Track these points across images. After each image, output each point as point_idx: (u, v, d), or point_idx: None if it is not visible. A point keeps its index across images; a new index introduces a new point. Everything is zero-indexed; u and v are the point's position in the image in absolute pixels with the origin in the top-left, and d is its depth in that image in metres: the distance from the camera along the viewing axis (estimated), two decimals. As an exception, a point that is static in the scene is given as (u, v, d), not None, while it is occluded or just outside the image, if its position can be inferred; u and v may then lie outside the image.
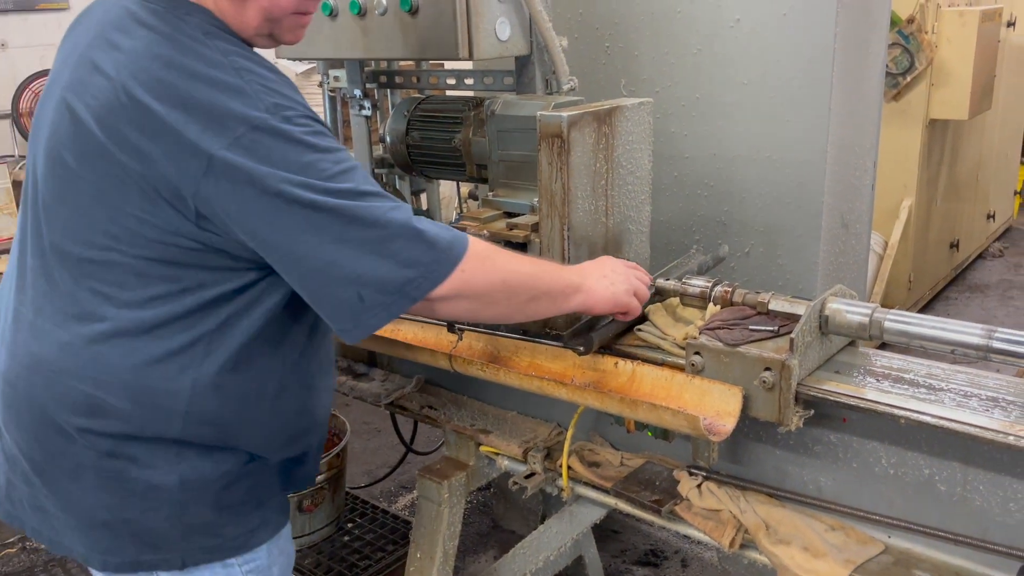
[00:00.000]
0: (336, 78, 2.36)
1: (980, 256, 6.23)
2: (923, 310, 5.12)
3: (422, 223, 1.31)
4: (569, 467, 1.92)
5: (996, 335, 1.42)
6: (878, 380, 1.55)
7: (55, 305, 1.35)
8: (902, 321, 1.50)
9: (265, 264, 1.32)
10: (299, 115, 1.28)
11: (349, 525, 2.85)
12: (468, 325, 1.82)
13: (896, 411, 1.45)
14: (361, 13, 1.95)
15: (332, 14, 2.00)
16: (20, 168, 4.28)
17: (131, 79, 1.25)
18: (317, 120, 1.32)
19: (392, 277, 1.27)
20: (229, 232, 1.27)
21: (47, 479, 1.39)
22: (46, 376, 1.34)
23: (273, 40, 1.44)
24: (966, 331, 1.45)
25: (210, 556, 1.42)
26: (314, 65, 4.33)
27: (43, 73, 4.49)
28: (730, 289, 1.69)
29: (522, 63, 2.00)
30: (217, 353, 1.34)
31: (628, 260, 1.74)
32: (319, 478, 2.65)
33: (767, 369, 1.50)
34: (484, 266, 1.37)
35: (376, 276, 1.26)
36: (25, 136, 4.47)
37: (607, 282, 1.59)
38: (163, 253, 1.29)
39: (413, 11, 1.86)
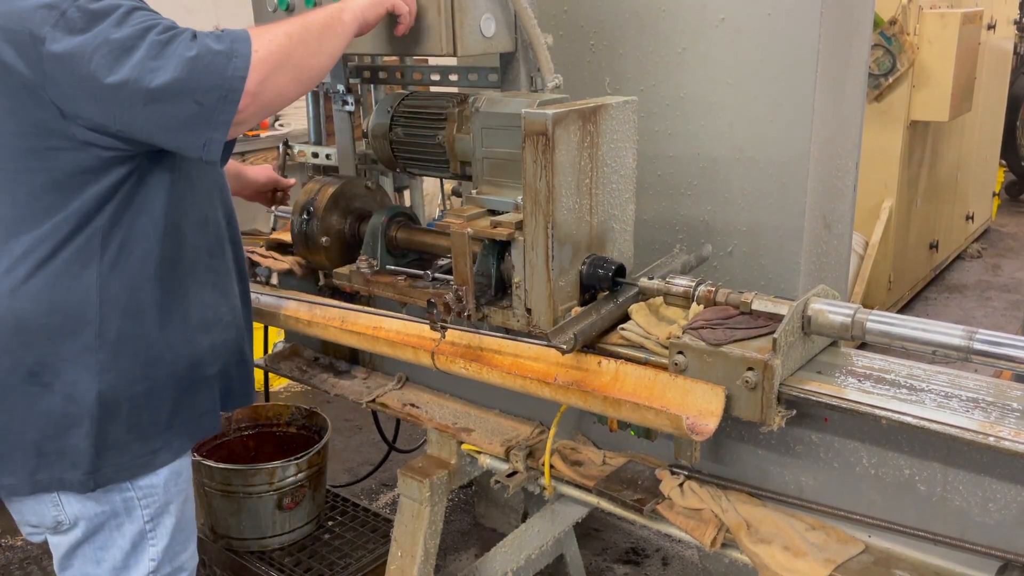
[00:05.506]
0: (319, 73, 2.33)
1: (959, 257, 6.29)
2: (902, 310, 5.16)
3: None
4: (551, 466, 1.91)
5: (977, 336, 1.42)
6: (859, 380, 1.56)
7: None
8: (884, 322, 1.50)
9: (132, 156, 1.48)
10: None
11: (330, 523, 2.83)
12: (450, 323, 1.81)
13: (877, 411, 1.46)
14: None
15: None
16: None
17: None
18: None
19: (214, 70, 1.39)
20: (80, 115, 1.41)
21: None
22: None
23: None
24: (947, 332, 1.45)
25: (118, 475, 1.59)
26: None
27: None
28: (713, 289, 1.69)
29: (507, 60, 1.99)
30: (113, 248, 1.52)
31: (611, 258, 1.75)
32: (300, 476, 2.64)
33: (750, 369, 1.50)
34: (266, 36, 1.47)
35: (202, 77, 1.39)
36: None
37: None
38: (42, 162, 1.45)
39: (397, 6, 1.85)
